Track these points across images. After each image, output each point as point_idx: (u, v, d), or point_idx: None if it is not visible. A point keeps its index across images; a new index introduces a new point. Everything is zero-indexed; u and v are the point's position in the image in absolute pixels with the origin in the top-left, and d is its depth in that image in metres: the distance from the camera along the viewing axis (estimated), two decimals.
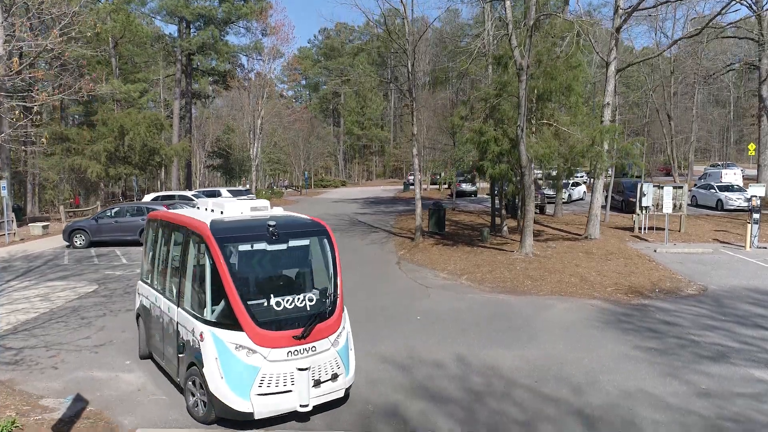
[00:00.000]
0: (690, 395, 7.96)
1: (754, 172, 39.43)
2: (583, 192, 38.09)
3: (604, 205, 24.11)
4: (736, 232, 21.86)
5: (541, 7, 20.65)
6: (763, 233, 20.39)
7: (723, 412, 7.45)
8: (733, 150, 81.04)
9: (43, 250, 22.29)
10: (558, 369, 8.95)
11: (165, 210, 10.71)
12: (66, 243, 22.66)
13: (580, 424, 7.18)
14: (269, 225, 7.28)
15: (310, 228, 7.79)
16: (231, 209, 7.96)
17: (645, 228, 22.16)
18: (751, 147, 41.14)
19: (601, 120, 20.38)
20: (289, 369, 6.84)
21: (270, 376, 6.78)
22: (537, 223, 23.32)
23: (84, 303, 13.56)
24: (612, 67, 20.88)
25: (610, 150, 20.87)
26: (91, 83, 15.12)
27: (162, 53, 51.58)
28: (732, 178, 36.72)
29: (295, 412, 6.96)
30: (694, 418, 7.30)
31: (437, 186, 54.98)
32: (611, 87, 21.10)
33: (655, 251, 18.35)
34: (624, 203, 29.38)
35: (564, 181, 31.36)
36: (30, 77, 12.67)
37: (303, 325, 6.96)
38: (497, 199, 23.48)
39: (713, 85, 64.03)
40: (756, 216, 18.75)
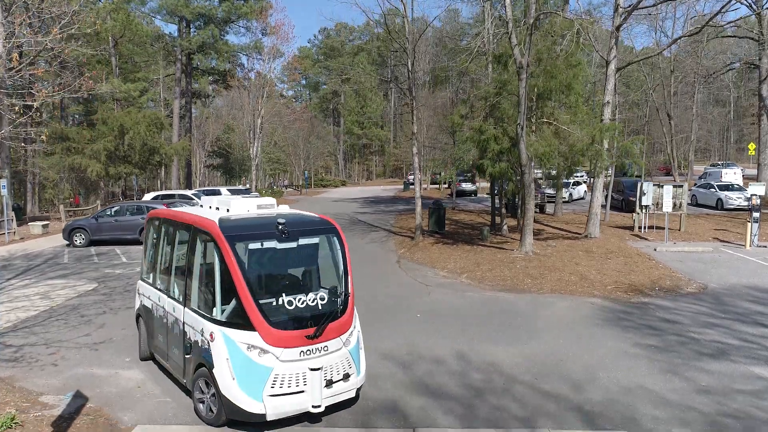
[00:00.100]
0: (690, 392, 7.96)
1: (754, 171, 39.44)
2: (584, 191, 38.07)
3: (604, 204, 24.11)
4: (736, 231, 21.87)
5: (541, 6, 20.67)
6: (763, 232, 20.40)
7: (723, 408, 7.46)
8: (733, 149, 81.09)
9: (43, 248, 22.30)
10: (558, 366, 8.96)
11: (166, 208, 10.62)
12: (66, 242, 22.67)
13: (580, 420, 7.18)
14: (279, 223, 7.15)
15: (319, 226, 7.67)
16: (237, 207, 7.80)
17: (645, 227, 22.16)
18: (752, 146, 41.16)
19: (601, 119, 20.38)
20: (302, 369, 6.72)
21: (282, 376, 6.65)
22: (537, 222, 23.32)
23: (84, 301, 13.56)
24: (612, 66, 20.88)
25: (610, 149, 20.88)
26: (91, 81, 15.11)
27: (162, 52, 51.61)
28: (732, 177, 36.69)
29: (307, 412, 6.83)
30: (694, 414, 7.30)
31: (437, 185, 54.97)
32: (611, 86, 21.10)
33: (655, 250, 18.35)
34: (624, 202, 29.37)
35: (565, 181, 31.38)
36: (30, 75, 12.67)
37: (315, 325, 6.83)
38: (497, 198, 23.48)
39: (713, 85, 64.05)
40: (756, 215, 18.76)
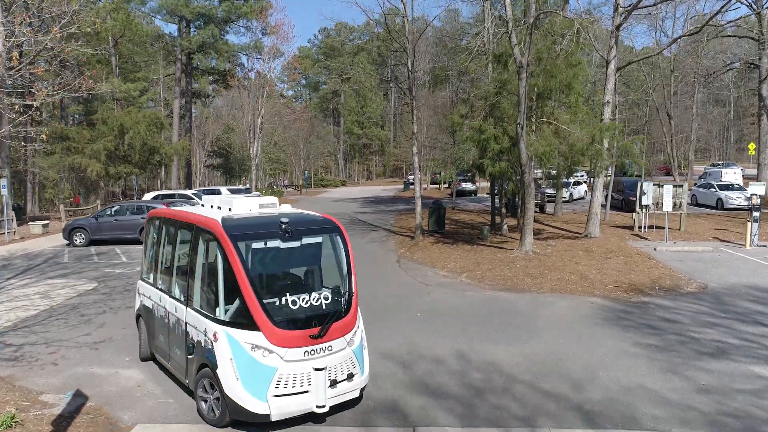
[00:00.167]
0: (690, 391, 7.96)
1: (754, 171, 39.43)
2: (584, 191, 38.08)
3: (604, 204, 24.10)
4: (736, 230, 21.87)
5: (541, 5, 20.68)
6: (763, 231, 20.40)
7: (723, 407, 7.46)
8: (733, 149, 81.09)
9: (43, 248, 22.30)
10: (558, 365, 8.96)
11: (166, 207, 10.58)
12: (66, 241, 22.67)
13: (580, 419, 7.18)
14: (282, 222, 7.10)
15: (322, 225, 7.65)
16: (239, 206, 7.75)
17: (645, 226, 22.16)
18: (752, 146, 41.15)
19: (601, 118, 20.38)
20: (306, 369, 6.68)
21: (287, 376, 6.61)
22: (537, 222, 23.32)
23: (84, 300, 13.56)
24: (612, 65, 20.87)
25: (609, 148, 20.88)
26: (91, 80, 15.11)
27: (162, 52, 51.59)
28: (732, 177, 36.68)
29: (312, 413, 6.81)
30: (693, 413, 7.30)
31: (437, 185, 54.98)
32: (611, 85, 21.09)
33: (655, 249, 18.35)
34: (624, 202, 29.37)
35: (565, 180, 31.38)
36: (30, 74, 12.67)
37: (319, 324, 6.80)
38: (497, 198, 23.49)
39: (713, 85, 64.08)
40: (756, 214, 18.76)
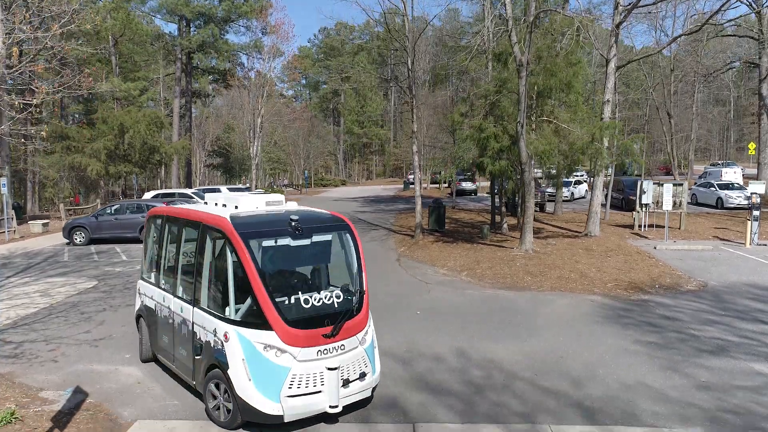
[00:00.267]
0: (690, 388, 7.96)
1: (754, 171, 39.43)
2: (585, 190, 38.08)
3: (604, 203, 24.10)
4: (736, 229, 21.87)
5: (541, 4, 20.71)
6: (763, 230, 20.41)
7: (723, 404, 7.46)
8: (733, 149, 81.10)
9: (43, 247, 22.30)
10: (558, 363, 8.96)
11: (168, 206, 10.51)
12: (66, 240, 22.68)
13: (580, 416, 7.18)
14: (292, 219, 6.98)
15: (332, 223, 7.58)
16: (246, 204, 7.62)
17: (645, 225, 22.16)
18: (752, 146, 41.16)
19: (601, 117, 20.37)
20: (319, 369, 6.59)
21: (300, 376, 6.52)
22: (537, 221, 23.32)
23: (84, 298, 13.56)
24: (612, 64, 20.86)
25: (609, 147, 20.87)
26: (91, 78, 15.11)
27: (162, 52, 51.58)
28: (732, 176, 36.69)
29: (324, 413, 6.73)
30: (694, 410, 7.30)
31: (437, 185, 54.98)
32: (611, 84, 21.08)
33: (655, 248, 18.34)
34: (624, 201, 29.37)
35: (566, 180, 31.38)
36: (30, 72, 12.67)
37: (332, 323, 6.71)
38: (497, 197, 23.49)
39: (713, 84, 64.08)
40: (756, 213, 18.77)
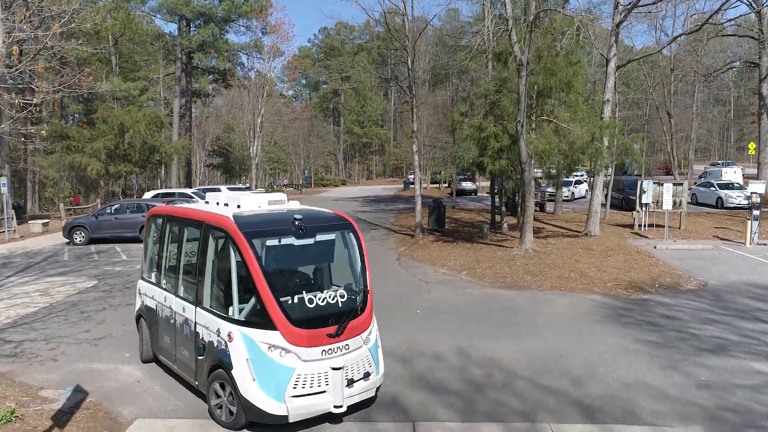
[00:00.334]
0: (690, 387, 7.97)
1: (754, 171, 39.41)
2: (585, 190, 38.08)
3: (604, 203, 24.10)
4: (736, 229, 21.87)
5: (541, 3, 20.72)
6: (763, 230, 20.40)
7: (723, 403, 7.46)
8: (733, 149, 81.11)
9: (43, 246, 22.29)
10: (558, 362, 8.96)
11: (169, 205, 10.48)
12: (66, 240, 22.68)
13: (580, 414, 7.18)
14: (295, 219, 6.93)
15: (335, 222, 7.52)
16: (248, 203, 7.59)
17: (645, 225, 22.16)
18: (752, 146, 41.15)
19: (601, 117, 20.38)
20: (324, 368, 6.57)
21: (305, 376, 6.50)
22: (537, 221, 23.32)
23: (84, 298, 13.56)
24: (612, 64, 20.86)
25: (609, 146, 20.87)
26: (91, 78, 15.11)
27: (162, 51, 51.58)
28: (732, 176, 36.67)
29: (329, 413, 6.71)
30: (694, 408, 7.31)
31: (437, 185, 54.96)
32: (611, 84, 21.08)
33: (655, 248, 18.34)
34: (624, 201, 29.37)
35: (567, 180, 31.38)
36: (30, 71, 12.67)
37: (336, 323, 6.68)
38: (497, 197, 23.49)
39: (713, 84, 64.09)
40: (756, 213, 18.76)
